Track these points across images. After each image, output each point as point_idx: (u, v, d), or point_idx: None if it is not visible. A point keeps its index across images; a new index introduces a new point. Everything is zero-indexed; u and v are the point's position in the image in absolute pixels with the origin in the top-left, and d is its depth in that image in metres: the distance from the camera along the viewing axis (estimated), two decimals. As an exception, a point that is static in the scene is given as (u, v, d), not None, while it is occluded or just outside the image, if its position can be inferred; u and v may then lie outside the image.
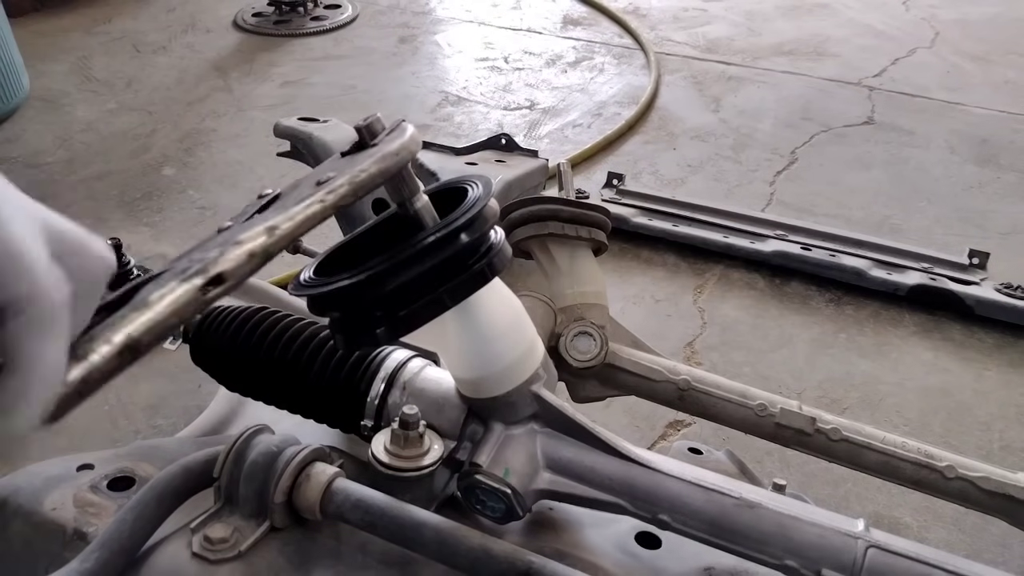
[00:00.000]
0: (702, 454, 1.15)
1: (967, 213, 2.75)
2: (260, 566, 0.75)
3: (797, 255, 2.40)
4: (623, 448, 0.83)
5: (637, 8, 4.44)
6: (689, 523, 0.80)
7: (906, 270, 2.36)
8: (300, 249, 1.50)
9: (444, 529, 0.74)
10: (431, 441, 0.82)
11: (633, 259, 2.51)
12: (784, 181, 2.92)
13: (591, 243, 1.20)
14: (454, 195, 0.74)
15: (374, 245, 0.73)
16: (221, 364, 0.96)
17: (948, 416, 1.96)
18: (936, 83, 3.62)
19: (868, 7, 4.45)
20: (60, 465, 0.91)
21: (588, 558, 0.84)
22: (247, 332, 0.93)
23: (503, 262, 0.73)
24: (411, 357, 0.91)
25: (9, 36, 3.22)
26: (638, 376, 1.20)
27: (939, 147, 3.14)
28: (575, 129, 3.25)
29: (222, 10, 4.31)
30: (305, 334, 0.93)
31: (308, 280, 0.72)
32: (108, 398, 1.93)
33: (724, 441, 1.76)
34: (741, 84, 3.63)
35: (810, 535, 0.77)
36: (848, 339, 2.20)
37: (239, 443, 0.79)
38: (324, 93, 3.50)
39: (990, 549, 1.63)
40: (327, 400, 0.91)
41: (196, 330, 0.97)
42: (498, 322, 0.79)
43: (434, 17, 4.36)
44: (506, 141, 1.72)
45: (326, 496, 0.77)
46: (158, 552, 0.75)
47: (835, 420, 1.13)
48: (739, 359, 2.12)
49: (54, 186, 2.75)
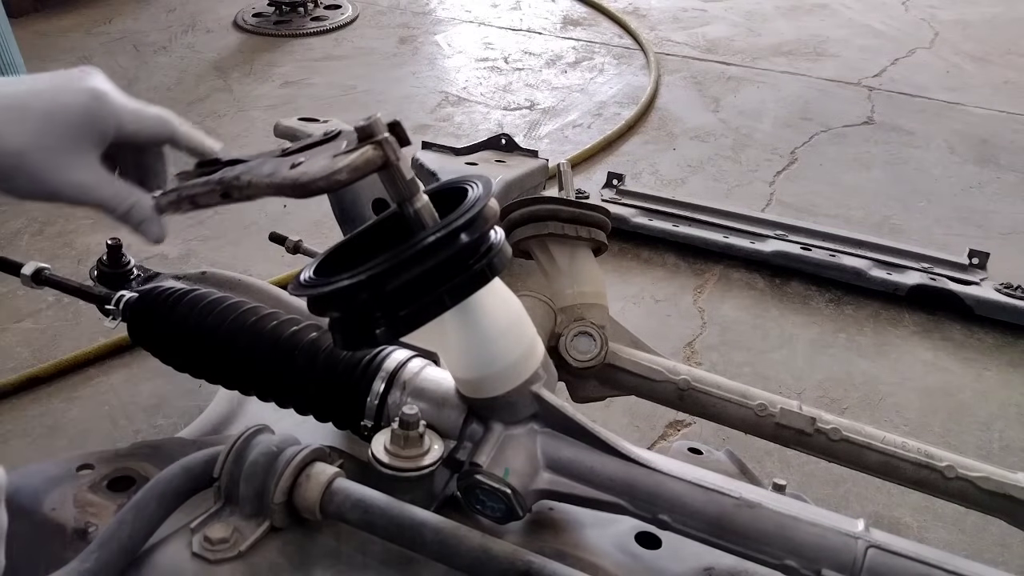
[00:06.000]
0: (702, 454, 1.15)
1: (967, 213, 2.75)
2: (260, 566, 0.75)
3: (797, 255, 2.40)
4: (623, 448, 0.83)
5: (637, 8, 4.44)
6: (689, 523, 0.80)
7: (906, 270, 2.36)
8: (300, 249, 1.50)
9: (444, 529, 0.74)
10: (431, 441, 0.82)
11: (633, 259, 2.51)
12: (784, 181, 2.92)
13: (591, 243, 1.20)
14: (454, 195, 0.74)
15: (374, 245, 0.73)
16: (167, 343, 1.01)
17: (948, 416, 1.96)
18: (936, 83, 3.62)
19: (868, 7, 4.45)
20: (60, 465, 0.91)
21: (588, 558, 0.84)
22: (212, 316, 0.98)
23: (503, 262, 0.73)
24: (411, 357, 0.91)
25: (9, 36, 3.21)
26: (638, 376, 1.20)
27: (939, 147, 3.14)
28: (575, 129, 3.25)
29: (222, 10, 4.31)
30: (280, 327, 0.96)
31: (308, 280, 0.72)
32: (108, 398, 1.93)
33: (724, 441, 1.76)
34: (741, 84, 3.63)
35: (810, 535, 0.77)
36: (848, 339, 2.20)
37: (239, 443, 0.79)
38: (324, 93, 3.50)
39: (990, 549, 1.63)
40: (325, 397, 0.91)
41: (134, 309, 1.03)
42: (498, 322, 0.79)
43: (434, 17, 4.36)
44: (506, 141, 1.72)
45: (326, 496, 0.77)
46: (158, 552, 0.76)
47: (835, 420, 1.13)
48: (739, 359, 2.12)
49: (54, 186, 2.75)
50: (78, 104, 0.75)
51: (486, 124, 3.27)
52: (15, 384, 1.94)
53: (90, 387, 1.97)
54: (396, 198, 0.70)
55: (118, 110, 0.78)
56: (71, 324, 2.14)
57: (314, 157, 0.71)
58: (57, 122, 0.74)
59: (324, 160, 0.68)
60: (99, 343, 2.04)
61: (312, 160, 0.70)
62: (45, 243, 2.48)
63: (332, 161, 0.67)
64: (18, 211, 2.63)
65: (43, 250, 2.44)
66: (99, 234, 2.50)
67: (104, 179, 0.78)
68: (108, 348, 2.03)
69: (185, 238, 2.49)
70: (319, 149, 0.73)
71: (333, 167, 0.66)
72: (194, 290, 1.02)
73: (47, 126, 0.74)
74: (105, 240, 1.18)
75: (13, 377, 1.95)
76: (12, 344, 2.09)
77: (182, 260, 2.41)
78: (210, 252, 2.45)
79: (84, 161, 0.76)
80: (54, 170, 0.75)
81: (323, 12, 4.26)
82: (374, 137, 0.67)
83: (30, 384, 1.95)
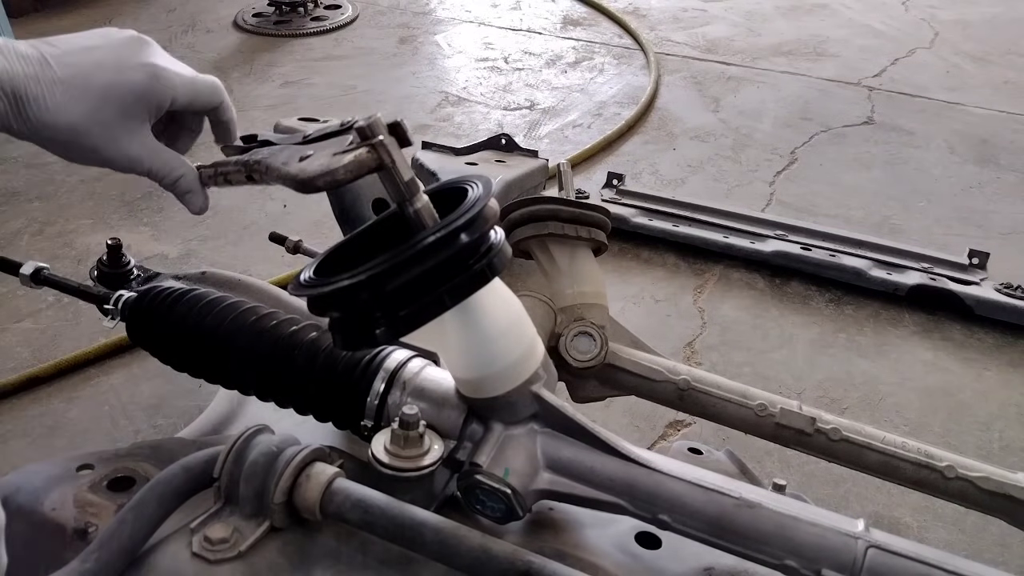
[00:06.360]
0: (702, 454, 1.15)
1: (967, 213, 2.74)
2: (260, 566, 0.75)
3: (797, 255, 2.40)
4: (623, 448, 0.83)
5: (637, 8, 4.44)
6: (689, 523, 0.80)
7: (906, 270, 2.36)
8: (300, 249, 1.50)
9: (444, 529, 0.74)
10: (431, 441, 0.82)
11: (633, 259, 2.51)
12: (784, 181, 2.92)
13: (591, 243, 1.20)
14: (454, 195, 0.74)
15: (374, 245, 0.73)
16: (166, 343, 1.02)
17: (948, 416, 1.96)
18: (936, 83, 3.62)
19: (868, 7, 4.45)
20: (60, 465, 0.91)
21: (588, 558, 0.84)
22: (211, 315, 0.98)
23: (503, 262, 0.73)
24: (411, 357, 0.91)
25: (9, 36, 3.22)
26: (638, 376, 1.20)
27: (939, 147, 3.14)
28: (575, 129, 3.25)
29: (222, 10, 4.31)
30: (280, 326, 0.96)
31: (308, 280, 0.72)
32: (108, 398, 1.93)
33: (724, 441, 1.76)
34: (741, 84, 3.63)
35: (810, 535, 0.77)
36: (848, 339, 2.20)
37: (239, 443, 0.79)
38: (324, 93, 3.50)
39: (990, 549, 1.62)
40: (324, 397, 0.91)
41: (132, 309, 1.03)
42: (498, 322, 0.79)
43: (434, 17, 4.36)
44: (506, 141, 1.72)
45: (326, 496, 0.76)
46: (158, 552, 0.75)
47: (835, 420, 1.13)
48: (739, 359, 2.12)
49: (54, 186, 2.75)
50: (137, 81, 0.79)
51: (486, 124, 3.27)
52: (15, 384, 1.94)
53: (90, 387, 1.97)
54: (396, 198, 0.70)
55: (175, 84, 0.82)
56: (71, 324, 2.14)
57: (321, 151, 0.72)
58: (115, 97, 0.78)
59: (325, 158, 0.69)
60: (99, 343, 2.04)
61: (317, 156, 0.71)
62: (45, 243, 2.48)
63: (331, 160, 0.67)
64: (18, 211, 2.63)
65: (43, 250, 2.44)
66: (99, 234, 2.50)
67: (155, 150, 0.83)
68: (108, 348, 2.03)
69: (185, 238, 2.49)
70: (331, 141, 0.74)
71: (331, 166, 0.67)
72: (193, 290, 1.02)
73: (105, 101, 0.78)
74: (105, 240, 1.18)
75: (13, 377, 1.95)
76: (12, 344, 2.09)
77: (182, 260, 2.40)
78: (210, 252, 2.45)
79: (138, 134, 0.81)
80: (109, 141, 0.79)
81: (323, 12, 4.26)
82: (372, 138, 0.67)
83: (30, 384, 1.95)
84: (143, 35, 0.83)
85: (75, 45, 0.78)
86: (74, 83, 0.76)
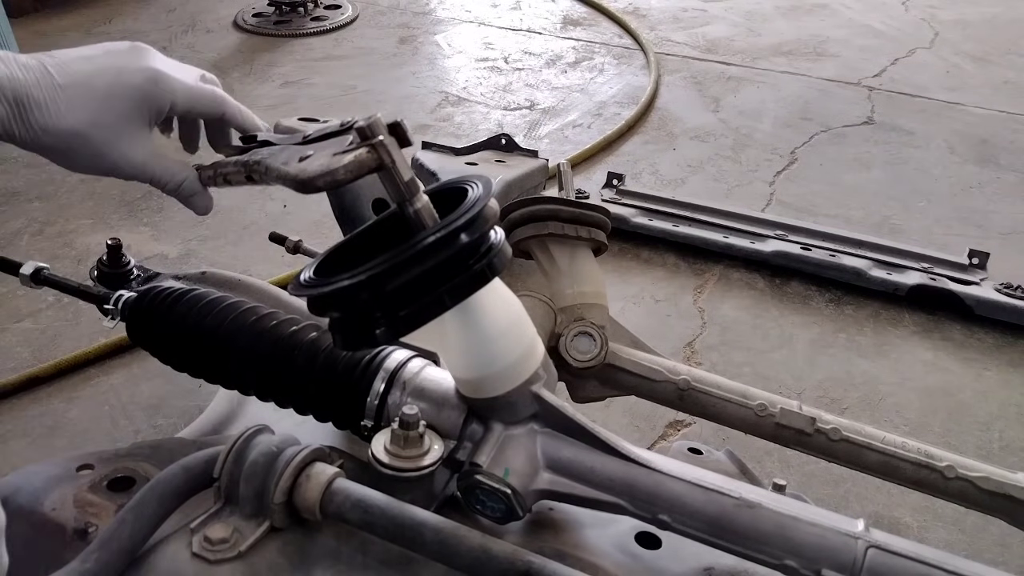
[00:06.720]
0: (702, 454, 1.15)
1: (967, 213, 2.74)
2: (260, 566, 0.75)
3: (797, 255, 2.40)
4: (623, 448, 0.83)
5: (637, 8, 4.44)
6: (689, 523, 0.80)
7: (906, 270, 2.36)
8: (300, 249, 1.50)
9: (444, 529, 0.74)
10: (431, 441, 0.82)
11: (633, 259, 2.51)
12: (784, 181, 2.92)
13: (591, 243, 1.20)
14: (454, 195, 0.74)
15: (374, 245, 0.73)
16: (166, 343, 1.02)
17: (948, 416, 1.96)
18: (936, 83, 3.62)
19: (868, 7, 4.45)
20: (60, 465, 0.91)
21: (588, 558, 0.84)
22: (211, 316, 0.98)
23: (503, 262, 0.73)
24: (411, 357, 0.91)
25: (9, 36, 3.22)
26: (638, 376, 1.20)
27: (939, 147, 3.14)
28: (575, 129, 3.25)
29: (222, 10, 4.31)
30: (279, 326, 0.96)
31: (308, 280, 0.72)
32: (108, 398, 1.93)
33: (724, 441, 1.76)
34: (741, 84, 3.63)
35: (810, 535, 0.77)
36: (848, 339, 2.20)
37: (239, 443, 0.78)
38: (324, 93, 3.50)
39: (990, 549, 1.63)
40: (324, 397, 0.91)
41: (133, 309, 1.03)
42: (498, 322, 0.79)
43: (434, 17, 4.36)
44: (506, 141, 1.72)
45: (326, 496, 0.76)
46: (158, 552, 0.75)
47: (835, 420, 1.13)
48: (739, 359, 2.12)
49: (54, 186, 2.75)
50: (137, 85, 0.80)
51: (486, 124, 3.27)
52: (15, 384, 1.94)
53: (90, 387, 1.97)
54: (396, 198, 0.70)
55: (175, 89, 0.83)
56: (71, 324, 2.14)
57: (321, 152, 0.72)
58: (116, 101, 0.79)
59: (325, 158, 0.69)
60: (99, 343, 2.04)
61: (316, 156, 0.71)
62: (45, 243, 2.48)
63: (331, 160, 0.67)
64: (18, 211, 2.63)
65: (43, 250, 2.44)
66: (99, 234, 2.50)
67: (157, 156, 0.85)
68: (108, 348, 2.03)
69: (185, 238, 2.49)
70: (331, 142, 0.74)
71: (331, 166, 0.67)
72: (193, 290, 1.02)
73: (107, 105, 0.79)
74: (105, 240, 1.18)
75: (13, 377, 1.95)
76: (12, 344, 2.09)
77: (182, 260, 2.40)
78: (210, 252, 2.45)
79: (139, 139, 0.83)
80: (112, 146, 0.81)
81: (323, 12, 4.26)
82: (372, 138, 0.67)
83: (30, 384, 1.95)
84: (142, 43, 0.84)
85: (75, 55, 0.80)
86: (76, 88, 0.77)
